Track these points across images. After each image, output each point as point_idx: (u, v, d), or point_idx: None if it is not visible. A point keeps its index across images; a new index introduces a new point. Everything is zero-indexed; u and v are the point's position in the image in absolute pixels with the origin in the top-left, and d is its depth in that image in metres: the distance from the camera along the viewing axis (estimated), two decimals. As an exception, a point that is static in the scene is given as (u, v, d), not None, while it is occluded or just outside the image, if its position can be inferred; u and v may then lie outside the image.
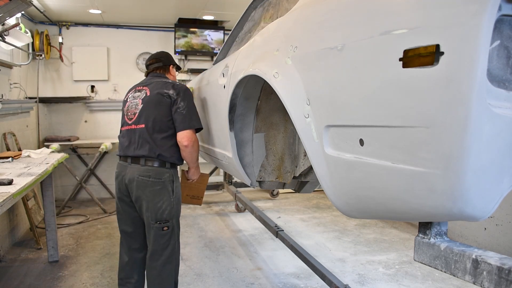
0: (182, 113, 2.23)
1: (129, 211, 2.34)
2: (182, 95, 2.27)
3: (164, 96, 2.26)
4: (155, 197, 2.19)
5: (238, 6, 4.39)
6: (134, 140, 2.25)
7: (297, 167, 2.14)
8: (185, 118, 2.22)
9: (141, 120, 2.25)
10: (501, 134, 0.80)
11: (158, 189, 2.19)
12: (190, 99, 2.30)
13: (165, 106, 2.24)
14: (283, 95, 1.34)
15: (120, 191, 2.32)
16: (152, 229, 2.22)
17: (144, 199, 2.20)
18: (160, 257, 2.24)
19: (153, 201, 2.19)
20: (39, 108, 5.07)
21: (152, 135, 2.21)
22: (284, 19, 1.60)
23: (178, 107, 2.23)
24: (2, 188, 2.03)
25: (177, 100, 2.25)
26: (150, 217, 2.20)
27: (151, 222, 2.21)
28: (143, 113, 2.26)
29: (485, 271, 0.91)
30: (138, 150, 2.22)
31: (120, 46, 5.50)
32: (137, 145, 2.23)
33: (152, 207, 2.19)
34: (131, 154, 2.24)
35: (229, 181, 4.94)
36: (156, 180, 2.20)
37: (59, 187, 5.17)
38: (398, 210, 1.02)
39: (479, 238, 3.30)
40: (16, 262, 3.32)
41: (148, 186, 2.19)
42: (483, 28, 0.73)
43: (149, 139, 2.21)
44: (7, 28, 3.50)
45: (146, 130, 2.22)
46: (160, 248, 2.24)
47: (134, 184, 2.20)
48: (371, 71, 0.96)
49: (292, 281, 2.99)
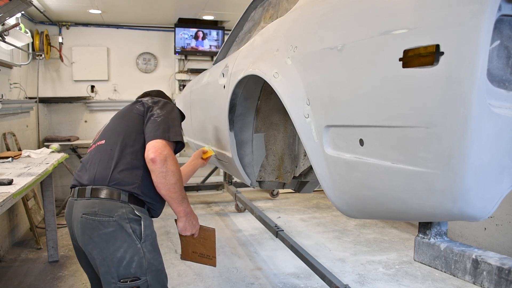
0: (156, 120, 1.61)
1: (87, 269, 1.69)
2: (162, 104, 1.72)
3: (136, 104, 1.75)
4: (108, 243, 1.48)
5: (238, 6, 4.39)
6: (87, 163, 1.64)
7: (297, 167, 2.14)
8: (159, 126, 1.59)
9: (103, 136, 1.69)
10: (501, 134, 0.80)
11: (110, 232, 1.48)
12: (173, 111, 1.70)
13: (135, 115, 1.68)
14: (283, 95, 1.34)
15: (71, 236, 1.65)
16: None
17: (95, 248, 1.50)
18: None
19: (108, 249, 1.48)
20: (39, 108, 5.07)
21: (112, 151, 1.58)
22: (284, 19, 1.60)
23: (152, 114, 1.65)
24: (2, 188, 2.03)
25: (153, 107, 1.70)
26: (109, 273, 1.48)
27: (111, 282, 1.48)
28: (107, 127, 1.73)
29: (485, 271, 0.91)
30: (86, 176, 1.58)
31: (120, 46, 5.50)
32: (87, 170, 1.60)
33: (110, 259, 1.48)
34: (78, 184, 1.60)
35: (229, 181, 4.94)
36: (104, 219, 1.49)
37: (59, 187, 5.17)
38: (398, 210, 1.02)
39: (479, 238, 3.30)
40: (16, 262, 3.32)
41: (95, 229, 1.49)
42: (483, 28, 0.73)
43: (105, 156, 1.58)
44: (7, 28, 3.50)
45: (105, 146, 1.61)
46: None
47: (79, 227, 1.53)
48: (371, 71, 0.96)
49: (292, 281, 2.99)
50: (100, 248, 1.49)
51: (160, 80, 5.64)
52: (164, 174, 1.51)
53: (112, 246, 1.48)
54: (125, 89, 5.53)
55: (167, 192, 1.55)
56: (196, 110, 2.87)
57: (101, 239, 1.48)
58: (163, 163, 1.51)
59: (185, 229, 1.68)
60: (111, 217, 1.49)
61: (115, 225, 1.49)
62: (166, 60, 5.70)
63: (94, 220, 1.49)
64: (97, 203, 1.51)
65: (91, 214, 1.50)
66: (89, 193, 1.53)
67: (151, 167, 1.52)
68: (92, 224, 1.50)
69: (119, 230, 1.49)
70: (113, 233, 1.48)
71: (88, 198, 1.53)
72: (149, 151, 1.52)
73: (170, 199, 1.57)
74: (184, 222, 1.66)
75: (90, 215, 1.50)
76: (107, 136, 1.66)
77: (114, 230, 1.48)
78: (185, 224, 1.66)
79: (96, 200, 1.51)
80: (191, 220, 1.68)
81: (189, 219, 1.67)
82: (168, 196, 1.56)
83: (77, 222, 1.54)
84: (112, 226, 1.49)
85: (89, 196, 1.53)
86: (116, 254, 1.48)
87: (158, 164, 1.50)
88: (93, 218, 1.50)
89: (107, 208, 1.50)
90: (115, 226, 1.49)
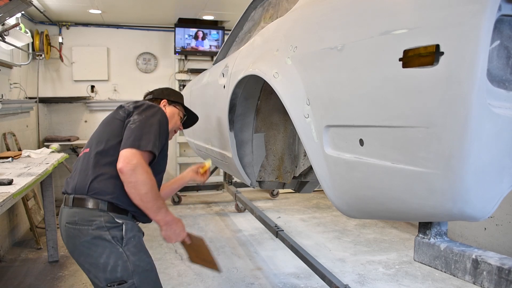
0: (131, 127, 1.57)
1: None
2: (143, 109, 1.66)
3: (120, 109, 1.71)
4: (91, 250, 1.51)
5: (238, 6, 4.39)
6: (74, 170, 1.67)
7: (297, 167, 2.14)
8: (132, 133, 1.54)
9: (89, 143, 1.69)
10: (501, 134, 0.80)
11: (90, 240, 1.50)
12: (153, 116, 1.63)
13: (118, 122, 1.65)
14: (283, 95, 1.34)
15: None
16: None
17: (80, 255, 1.54)
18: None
19: (91, 256, 1.51)
20: (39, 108, 5.07)
21: (92, 160, 1.58)
22: (284, 19, 1.60)
23: (129, 121, 1.61)
24: (2, 188, 2.03)
25: (132, 112, 1.65)
26: (97, 278, 1.53)
27: (99, 286, 1.54)
28: (94, 135, 1.72)
29: (485, 271, 0.91)
30: (70, 184, 1.61)
31: (120, 46, 5.50)
32: (72, 177, 1.64)
33: (95, 264, 1.52)
34: (64, 191, 1.64)
35: (229, 181, 4.94)
36: (83, 228, 1.51)
37: (59, 187, 5.16)
38: (398, 210, 1.02)
39: (479, 238, 3.30)
40: (16, 262, 3.32)
41: (77, 237, 1.52)
42: (483, 28, 0.73)
43: (87, 165, 1.58)
44: (7, 28, 3.50)
45: (89, 154, 1.62)
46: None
47: (64, 235, 1.58)
48: (371, 71, 0.96)
49: (292, 281, 2.99)
50: (85, 255, 1.53)
51: (160, 80, 5.63)
52: (134, 184, 1.48)
53: (95, 252, 1.50)
54: (125, 89, 5.53)
55: (140, 202, 1.51)
56: (196, 110, 2.86)
57: (83, 247, 1.52)
58: (131, 173, 1.46)
59: (168, 237, 1.64)
60: (89, 226, 1.51)
61: (93, 234, 1.50)
62: (166, 60, 5.70)
63: (75, 229, 1.53)
64: (77, 212, 1.53)
65: (72, 223, 1.53)
66: (71, 202, 1.56)
67: (121, 177, 1.49)
68: (74, 232, 1.53)
69: (98, 238, 1.50)
70: (93, 240, 1.51)
71: (70, 207, 1.56)
72: (119, 161, 1.49)
73: (145, 209, 1.53)
74: (166, 231, 1.61)
75: (71, 224, 1.53)
76: (92, 144, 1.65)
77: (93, 238, 1.50)
78: (167, 233, 1.62)
79: (77, 209, 1.53)
80: (173, 229, 1.62)
81: (170, 228, 1.61)
82: (143, 206, 1.52)
83: (62, 229, 1.59)
84: (90, 235, 1.51)
85: (71, 205, 1.55)
86: (100, 260, 1.50)
87: (126, 175, 1.47)
88: (74, 227, 1.53)
89: (85, 217, 1.52)
90: (93, 235, 1.50)
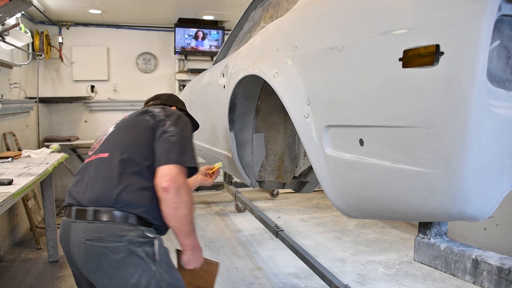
0: (170, 140, 1.44)
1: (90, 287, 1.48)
2: (175, 118, 1.54)
3: (146, 114, 1.56)
4: (120, 270, 1.33)
5: (238, 6, 4.39)
6: (86, 178, 1.45)
7: (297, 167, 2.14)
8: (173, 147, 1.43)
9: (106, 147, 1.50)
10: (501, 134, 0.80)
11: (121, 259, 1.33)
12: (186, 127, 1.55)
13: (145, 128, 1.50)
14: (283, 95, 1.34)
15: (69, 261, 1.48)
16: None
17: (105, 276, 1.34)
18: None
19: (120, 276, 1.33)
20: (39, 108, 5.07)
21: (116, 168, 1.40)
22: (284, 19, 1.60)
23: (166, 131, 1.47)
24: (2, 188, 2.03)
25: (165, 122, 1.51)
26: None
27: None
28: (111, 138, 1.54)
29: (485, 271, 0.91)
30: (87, 194, 1.40)
31: (120, 46, 5.50)
32: (87, 187, 1.42)
33: (124, 286, 1.34)
34: (75, 203, 1.42)
35: (229, 181, 4.94)
36: (112, 245, 1.32)
37: (59, 187, 5.17)
38: (398, 210, 1.02)
39: (479, 238, 3.30)
40: (16, 262, 3.32)
41: (103, 256, 1.33)
42: (483, 28, 0.73)
43: (109, 174, 1.40)
44: (7, 28, 3.50)
45: (109, 161, 1.43)
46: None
47: (82, 254, 1.36)
48: (371, 71, 0.96)
49: (292, 281, 2.99)
50: (111, 276, 1.34)
51: (160, 80, 5.63)
52: (176, 205, 1.37)
53: (124, 272, 1.33)
54: (125, 89, 5.53)
55: (176, 224, 1.40)
56: (196, 110, 2.87)
57: (111, 267, 1.33)
58: (176, 193, 1.35)
59: (189, 262, 1.52)
60: (120, 242, 1.33)
61: (125, 251, 1.33)
62: (166, 60, 5.70)
63: (101, 247, 1.32)
64: (102, 227, 1.34)
65: (96, 240, 1.33)
66: (91, 215, 1.36)
67: (162, 196, 1.36)
68: (99, 251, 1.33)
69: (130, 256, 1.33)
70: (124, 259, 1.33)
71: (90, 221, 1.36)
72: (162, 178, 1.37)
73: (179, 231, 1.42)
74: (189, 256, 1.50)
75: (96, 241, 1.33)
76: (110, 149, 1.47)
77: (125, 256, 1.33)
78: (190, 258, 1.51)
79: (101, 224, 1.35)
80: (196, 254, 1.52)
81: (194, 253, 1.51)
82: (177, 228, 1.41)
83: (78, 248, 1.37)
84: (122, 252, 1.33)
85: (91, 219, 1.36)
86: (131, 280, 1.33)
87: (171, 194, 1.35)
88: (99, 244, 1.33)
89: (114, 232, 1.34)
90: (125, 252, 1.33)
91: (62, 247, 1.48)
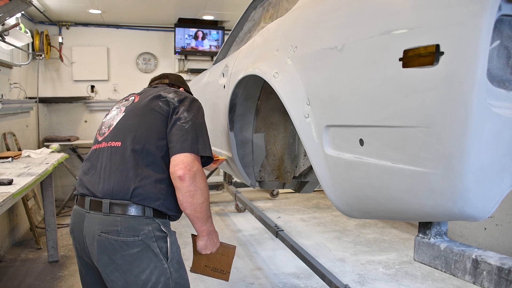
0: (184, 127, 1.42)
1: (97, 281, 1.50)
2: (188, 103, 1.50)
3: (159, 100, 1.50)
4: (133, 266, 1.35)
5: (238, 6, 4.39)
6: (99, 167, 1.43)
7: (297, 167, 2.14)
8: (187, 135, 1.41)
9: (118, 135, 1.46)
10: (501, 134, 0.80)
11: (135, 253, 1.35)
12: (199, 112, 1.52)
13: (158, 115, 1.46)
14: (283, 95, 1.34)
15: (79, 250, 1.48)
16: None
17: (116, 270, 1.36)
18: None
19: (132, 272, 1.35)
20: (39, 108, 5.07)
21: (131, 159, 1.39)
22: (284, 19, 1.60)
23: (179, 118, 1.44)
24: (2, 188, 2.03)
25: (179, 108, 1.48)
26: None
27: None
28: (122, 124, 1.49)
29: (485, 271, 0.91)
30: (101, 185, 1.39)
31: (120, 46, 5.51)
32: (101, 177, 1.41)
33: (133, 282, 1.35)
34: (89, 194, 1.41)
35: (229, 181, 4.94)
36: (129, 239, 1.34)
37: (59, 187, 5.17)
38: (398, 210, 1.01)
39: (479, 238, 3.30)
40: (16, 262, 3.32)
41: (118, 249, 1.34)
42: (483, 28, 0.73)
43: (124, 165, 1.38)
44: (7, 28, 3.50)
45: (122, 151, 1.41)
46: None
47: (95, 246, 1.37)
48: (371, 71, 0.96)
49: (292, 281, 2.99)
50: (123, 270, 1.35)
51: (160, 80, 5.63)
52: (192, 193, 1.38)
53: (137, 268, 1.35)
54: (125, 89, 5.53)
55: (193, 212, 1.41)
56: (196, 110, 2.86)
57: (124, 261, 1.34)
58: (192, 181, 1.36)
59: (206, 247, 1.54)
60: (136, 237, 1.34)
61: (141, 245, 1.34)
62: (166, 60, 5.71)
63: (117, 241, 1.34)
64: (118, 220, 1.34)
65: (112, 233, 1.34)
66: (107, 208, 1.36)
67: (178, 184, 1.36)
68: (114, 244, 1.34)
69: (145, 250, 1.35)
70: (138, 254, 1.35)
71: (106, 213, 1.36)
72: (177, 166, 1.36)
73: (195, 218, 1.43)
74: (206, 241, 1.52)
75: (112, 234, 1.34)
76: (122, 137, 1.44)
77: (140, 250, 1.35)
78: (206, 243, 1.53)
79: (117, 217, 1.35)
80: (213, 239, 1.54)
81: (211, 238, 1.53)
82: (193, 215, 1.42)
83: (92, 239, 1.37)
84: (137, 246, 1.34)
85: (107, 211, 1.36)
86: (141, 277, 1.35)
87: (187, 182, 1.35)
88: (116, 238, 1.34)
89: (132, 226, 1.34)
90: (141, 246, 1.34)
91: (73, 236, 1.48)
